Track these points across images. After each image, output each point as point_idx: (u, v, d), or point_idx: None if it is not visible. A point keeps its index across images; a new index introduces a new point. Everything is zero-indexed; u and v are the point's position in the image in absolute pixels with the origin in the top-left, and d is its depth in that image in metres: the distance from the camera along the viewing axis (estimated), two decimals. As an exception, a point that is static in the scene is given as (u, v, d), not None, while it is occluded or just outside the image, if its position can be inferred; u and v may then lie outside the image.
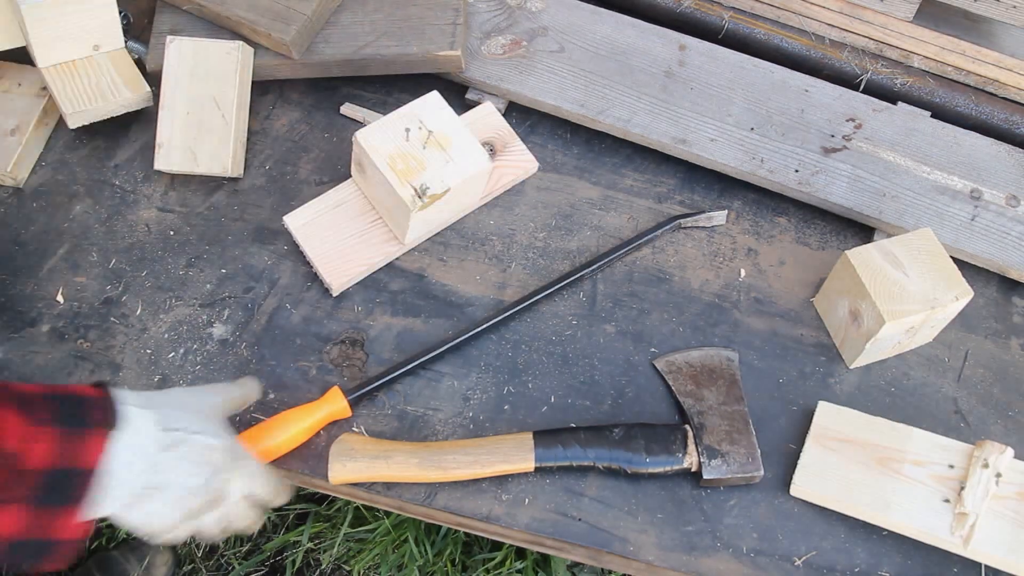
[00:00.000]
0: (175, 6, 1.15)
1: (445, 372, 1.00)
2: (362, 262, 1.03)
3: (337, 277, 1.02)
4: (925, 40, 1.20)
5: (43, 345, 1.00)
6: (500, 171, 1.10)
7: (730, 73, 1.16)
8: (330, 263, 1.02)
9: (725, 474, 0.92)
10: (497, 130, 1.12)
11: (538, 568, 1.57)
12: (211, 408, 0.81)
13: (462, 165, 0.99)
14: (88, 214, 1.09)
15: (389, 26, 1.12)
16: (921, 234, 0.99)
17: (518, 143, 1.12)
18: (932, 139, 1.13)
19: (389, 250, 1.05)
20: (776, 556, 0.92)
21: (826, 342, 1.05)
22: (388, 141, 0.99)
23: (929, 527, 0.89)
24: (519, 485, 0.94)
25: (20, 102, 1.11)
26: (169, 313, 1.02)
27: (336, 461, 0.91)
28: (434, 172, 0.98)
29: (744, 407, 0.96)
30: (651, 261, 1.09)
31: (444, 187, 0.97)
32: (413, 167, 0.98)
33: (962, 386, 1.03)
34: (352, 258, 1.03)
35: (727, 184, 1.14)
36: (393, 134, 0.99)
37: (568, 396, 1.00)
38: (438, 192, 0.97)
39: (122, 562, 1.55)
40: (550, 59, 1.15)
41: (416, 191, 0.96)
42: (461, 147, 1.00)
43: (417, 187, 0.96)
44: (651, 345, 1.03)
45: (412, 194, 0.96)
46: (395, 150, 0.98)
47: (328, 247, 1.03)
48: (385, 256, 1.04)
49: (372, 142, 0.99)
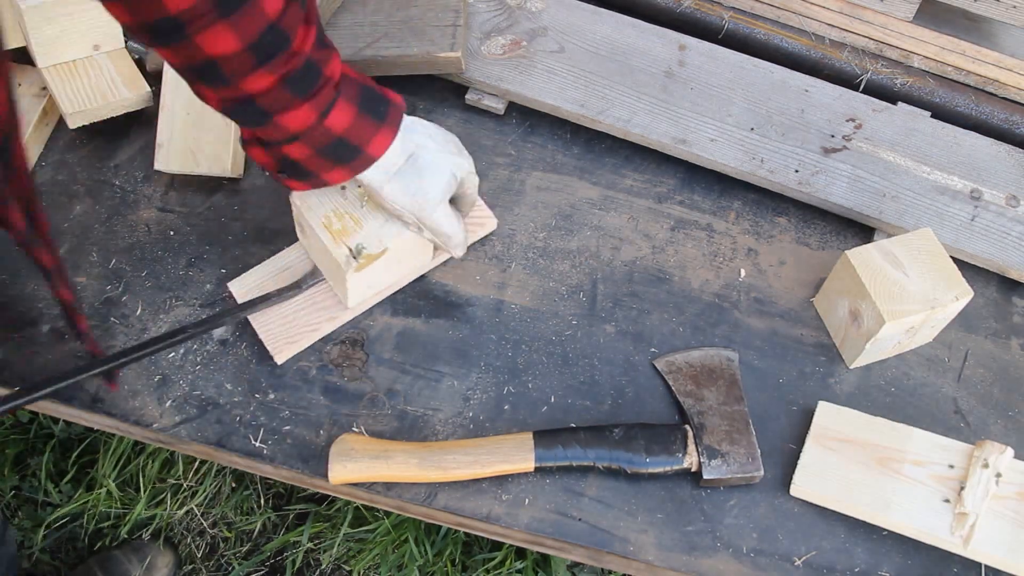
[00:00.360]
0: (175, 6, 1.15)
1: (445, 372, 1.00)
2: (308, 330, 0.99)
3: (281, 348, 0.98)
4: (925, 40, 1.20)
5: (43, 345, 1.00)
6: None
7: (730, 73, 1.16)
8: (273, 333, 0.98)
9: (725, 474, 0.92)
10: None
11: (538, 568, 1.57)
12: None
13: (401, 223, 0.94)
14: (88, 214, 1.09)
15: (389, 27, 1.12)
16: (921, 234, 0.99)
17: (478, 200, 1.06)
18: (932, 139, 1.13)
19: (335, 315, 1.00)
20: (776, 556, 0.92)
21: (826, 342, 1.05)
22: (325, 200, 0.94)
23: (929, 527, 0.89)
24: (519, 485, 0.94)
25: (20, 102, 1.11)
26: (169, 313, 1.02)
27: (336, 461, 0.91)
28: (371, 231, 0.93)
29: (744, 407, 0.96)
30: (651, 261, 1.09)
31: (381, 247, 0.93)
32: (349, 226, 0.93)
33: (962, 386, 1.03)
34: (297, 326, 0.99)
35: (727, 184, 1.14)
36: (331, 192, 0.94)
37: (568, 396, 1.00)
38: (374, 252, 0.92)
39: (124, 562, 1.55)
40: (550, 59, 1.15)
41: (351, 251, 0.92)
42: None
43: (352, 247, 0.92)
44: (651, 345, 1.03)
45: (347, 254, 0.92)
46: (332, 209, 0.94)
47: (272, 315, 0.99)
48: (331, 321, 1.00)
49: (308, 202, 0.94)
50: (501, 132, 1.17)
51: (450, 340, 1.02)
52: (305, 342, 0.99)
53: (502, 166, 1.15)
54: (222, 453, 0.96)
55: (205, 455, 0.99)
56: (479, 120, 1.18)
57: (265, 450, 0.95)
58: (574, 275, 1.07)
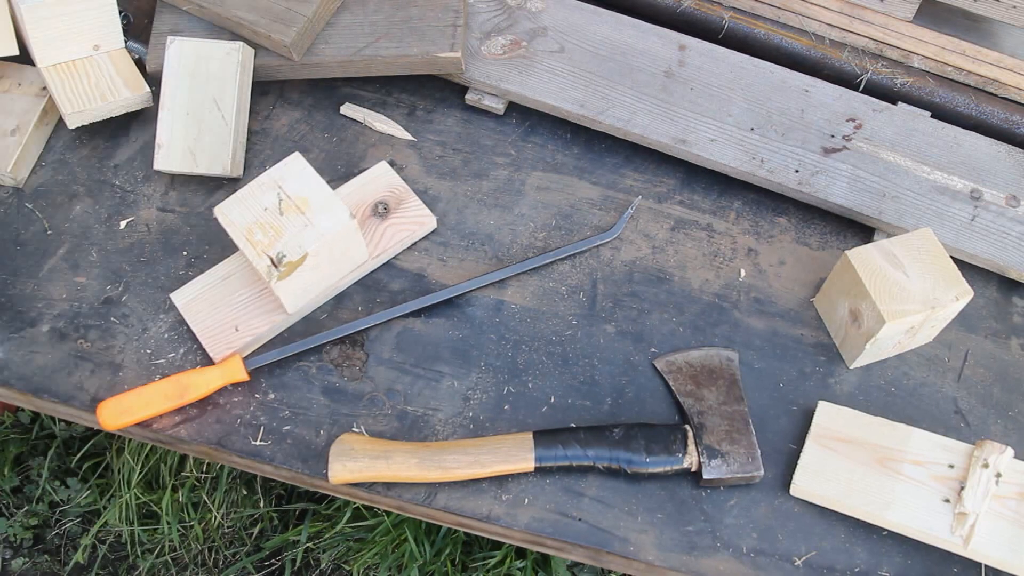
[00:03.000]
0: (175, 6, 1.15)
1: (445, 372, 1.00)
2: (249, 332, 0.99)
3: (219, 352, 0.98)
4: (925, 40, 1.20)
5: (43, 345, 1.00)
6: (394, 228, 1.06)
7: (730, 73, 1.16)
8: (213, 338, 0.99)
9: (725, 474, 0.92)
10: (392, 188, 1.09)
11: (538, 568, 1.57)
12: None
13: (321, 227, 0.94)
14: (88, 214, 1.09)
15: (389, 27, 1.12)
16: (921, 234, 0.99)
17: (414, 200, 1.08)
18: (932, 139, 1.13)
19: (276, 319, 1.00)
20: (776, 556, 0.92)
21: (826, 342, 1.05)
22: (247, 212, 0.95)
23: (929, 527, 0.89)
24: (519, 485, 0.94)
25: (20, 102, 1.11)
26: (169, 313, 1.02)
27: (336, 461, 0.91)
28: (291, 238, 0.93)
29: (744, 407, 0.96)
30: (651, 261, 1.09)
31: (301, 252, 0.93)
32: (271, 236, 0.93)
33: (962, 386, 1.03)
34: (239, 330, 0.99)
35: (727, 184, 1.14)
36: (252, 204, 0.95)
37: (568, 396, 1.00)
38: (295, 259, 0.92)
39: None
40: (550, 59, 1.15)
41: (272, 261, 0.92)
42: (320, 208, 0.95)
43: (273, 256, 0.92)
44: (651, 345, 1.03)
45: (268, 265, 0.92)
46: (253, 221, 0.94)
47: (211, 322, 0.99)
48: (271, 325, 1.00)
49: (231, 216, 0.95)
50: (501, 132, 1.17)
51: (450, 340, 1.02)
52: (246, 344, 0.99)
53: (502, 166, 1.15)
54: (222, 453, 0.96)
55: (205, 455, 0.99)
56: (479, 120, 1.18)
57: (265, 450, 0.95)
58: (574, 275, 1.07)
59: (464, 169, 1.14)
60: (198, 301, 1.01)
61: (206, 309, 1.00)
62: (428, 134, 1.17)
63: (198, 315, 1.00)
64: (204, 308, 1.00)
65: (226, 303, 1.00)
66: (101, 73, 1.10)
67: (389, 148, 1.15)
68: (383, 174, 1.10)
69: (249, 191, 0.96)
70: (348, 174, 1.11)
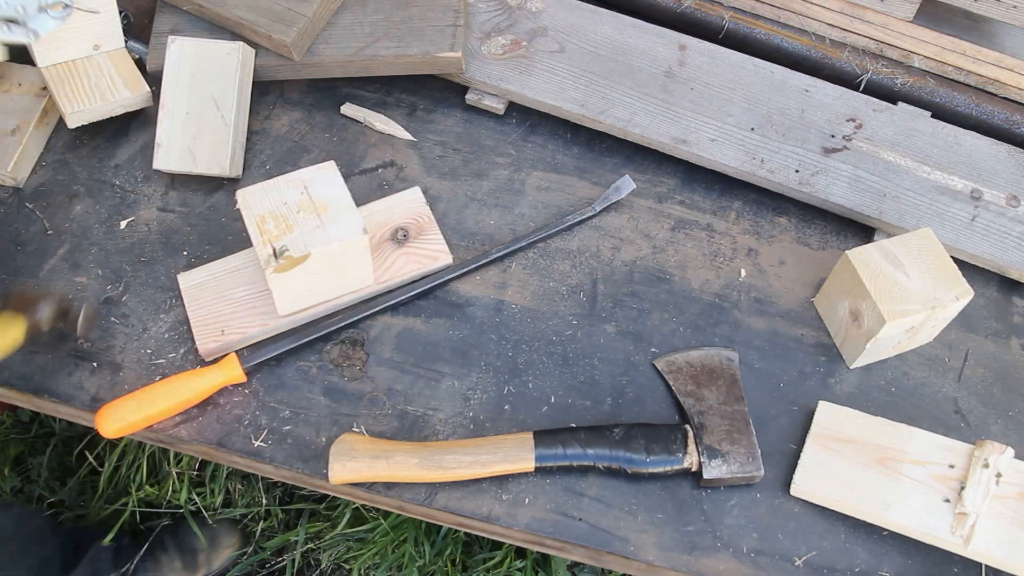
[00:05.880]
0: (175, 6, 1.15)
1: (445, 372, 1.00)
2: (239, 331, 0.99)
3: (206, 343, 0.98)
4: (925, 40, 1.20)
5: (43, 345, 1.00)
6: (407, 258, 1.04)
7: (730, 73, 1.16)
8: (204, 328, 0.99)
9: (725, 474, 0.92)
10: (417, 216, 1.07)
11: (538, 568, 1.57)
12: None
13: (331, 232, 0.93)
14: (88, 214, 1.08)
15: (389, 27, 1.12)
16: (921, 234, 0.99)
17: (435, 233, 1.06)
18: (932, 139, 1.13)
19: (267, 322, 1.00)
20: (776, 556, 0.92)
21: (826, 342, 1.05)
22: (266, 201, 0.95)
23: (929, 527, 0.89)
24: (519, 485, 0.94)
25: (20, 102, 1.11)
26: (169, 313, 1.02)
27: (336, 461, 0.91)
28: (299, 235, 0.93)
29: (744, 407, 0.96)
30: (651, 261, 1.09)
31: (304, 251, 0.92)
32: (281, 229, 0.93)
33: (962, 386, 1.03)
34: (231, 325, 0.99)
35: (727, 184, 1.14)
36: (274, 195, 0.96)
37: (568, 396, 1.00)
38: (296, 255, 0.92)
39: (193, 535, 1.57)
40: (550, 59, 1.15)
41: (274, 251, 0.92)
42: (336, 215, 0.94)
43: (276, 247, 0.92)
44: (651, 345, 1.03)
45: (269, 254, 0.92)
46: (269, 211, 0.95)
47: (207, 311, 0.99)
48: (261, 328, 0.99)
49: (249, 201, 0.95)
50: (501, 132, 1.17)
51: (450, 340, 1.02)
52: (235, 341, 0.99)
53: (502, 166, 1.15)
54: (222, 453, 0.96)
55: (205, 455, 0.99)
56: (479, 120, 1.18)
57: (266, 450, 0.95)
58: (574, 275, 1.07)
59: (464, 169, 1.14)
60: (201, 288, 1.01)
61: (207, 297, 1.01)
62: (428, 134, 1.17)
63: (198, 301, 1.00)
64: (206, 296, 1.01)
65: (227, 296, 1.01)
66: (101, 73, 1.10)
67: (389, 148, 1.15)
68: (413, 200, 1.08)
69: (275, 183, 0.97)
70: (348, 174, 1.11)
